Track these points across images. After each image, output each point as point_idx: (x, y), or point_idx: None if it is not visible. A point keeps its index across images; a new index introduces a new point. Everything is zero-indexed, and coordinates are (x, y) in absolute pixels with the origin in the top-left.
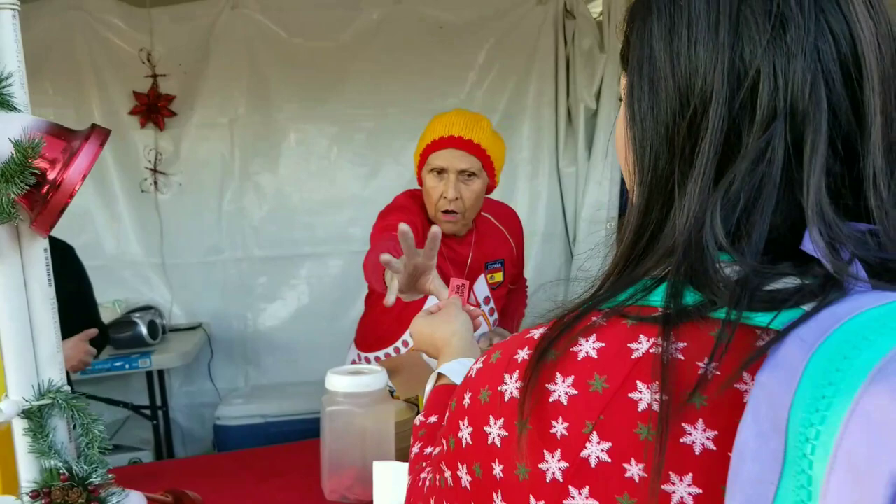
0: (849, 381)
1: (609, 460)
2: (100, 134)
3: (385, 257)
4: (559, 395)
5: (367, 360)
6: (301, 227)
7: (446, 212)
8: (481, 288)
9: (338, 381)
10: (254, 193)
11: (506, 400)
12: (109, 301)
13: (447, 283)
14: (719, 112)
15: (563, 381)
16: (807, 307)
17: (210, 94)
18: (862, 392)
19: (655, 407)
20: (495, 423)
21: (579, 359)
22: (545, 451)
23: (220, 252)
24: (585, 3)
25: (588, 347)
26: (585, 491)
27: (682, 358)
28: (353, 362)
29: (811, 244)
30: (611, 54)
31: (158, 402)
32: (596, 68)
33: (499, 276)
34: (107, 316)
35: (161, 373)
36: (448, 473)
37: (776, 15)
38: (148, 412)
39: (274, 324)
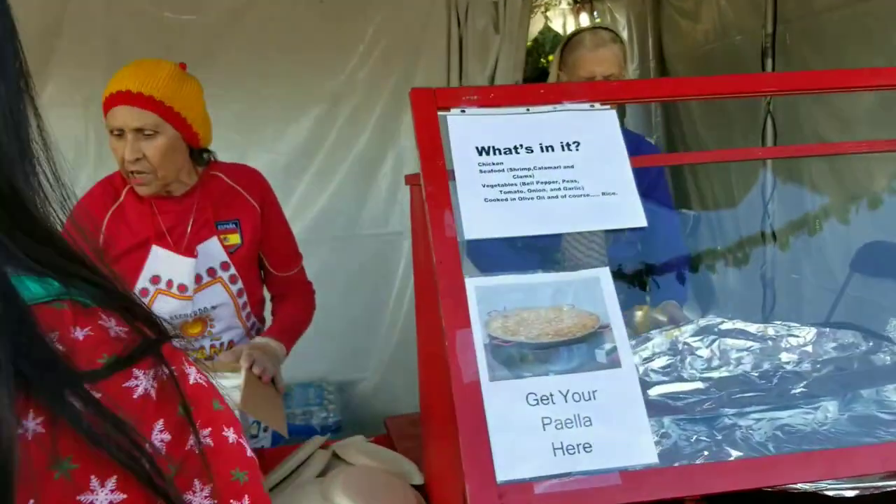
0: None
1: None
2: None
3: None
4: None
5: None
6: None
7: (133, 173)
8: (215, 251)
9: None
10: None
11: None
12: None
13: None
14: None
15: None
16: None
17: (63, 70)
18: None
19: None
20: None
21: None
22: None
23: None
24: None
25: None
26: None
27: None
28: None
29: None
30: (506, 35)
31: None
32: (490, 50)
33: (234, 238)
34: None
35: None
36: None
37: None
38: None
39: None
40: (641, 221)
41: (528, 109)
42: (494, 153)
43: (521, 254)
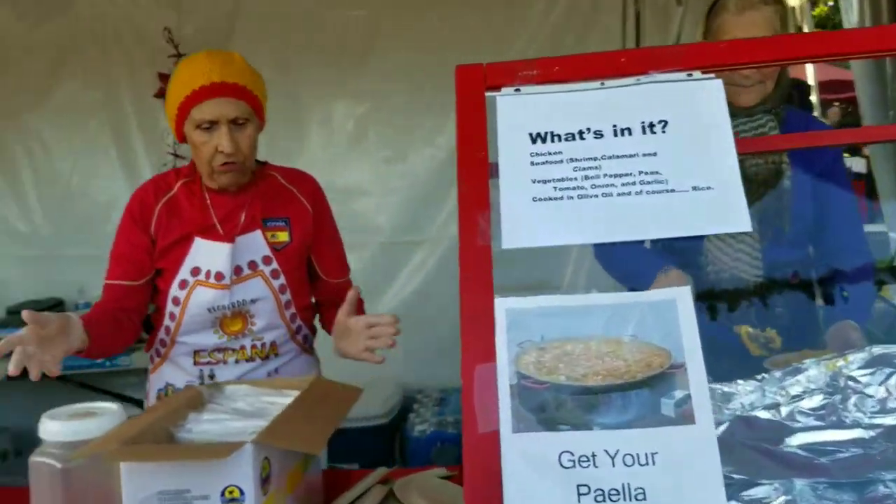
0: None
1: None
2: None
3: None
4: None
5: None
6: None
7: (224, 164)
8: (258, 244)
9: (50, 427)
10: None
11: None
12: None
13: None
14: None
15: None
16: None
17: None
18: None
19: None
20: None
21: None
22: None
23: None
24: None
25: None
26: None
27: None
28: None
29: None
30: (690, 6)
31: None
32: (671, 24)
33: (283, 236)
34: None
35: None
36: None
37: None
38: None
39: None
40: (744, 224)
41: (602, 84)
42: (552, 140)
43: (659, 255)
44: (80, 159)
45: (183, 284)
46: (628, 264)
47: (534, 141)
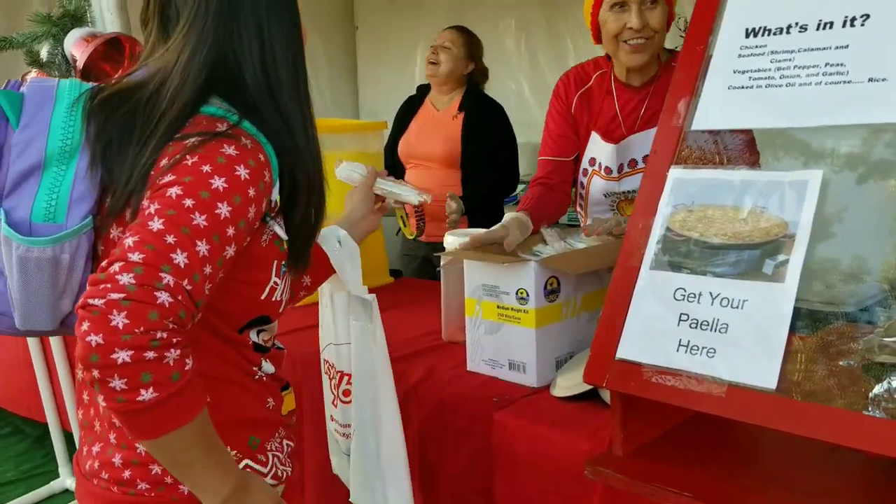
0: None
1: None
2: None
3: None
4: None
5: None
6: None
7: (631, 41)
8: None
9: (450, 240)
10: None
11: None
12: None
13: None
14: None
15: None
16: None
17: None
18: None
19: None
20: None
21: None
22: None
23: None
24: None
25: None
26: None
27: None
28: None
29: None
30: None
31: None
32: None
33: None
34: None
35: None
36: None
37: None
38: None
39: None
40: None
41: None
42: (763, 34)
43: None
44: None
45: (584, 172)
46: None
47: (747, 35)
